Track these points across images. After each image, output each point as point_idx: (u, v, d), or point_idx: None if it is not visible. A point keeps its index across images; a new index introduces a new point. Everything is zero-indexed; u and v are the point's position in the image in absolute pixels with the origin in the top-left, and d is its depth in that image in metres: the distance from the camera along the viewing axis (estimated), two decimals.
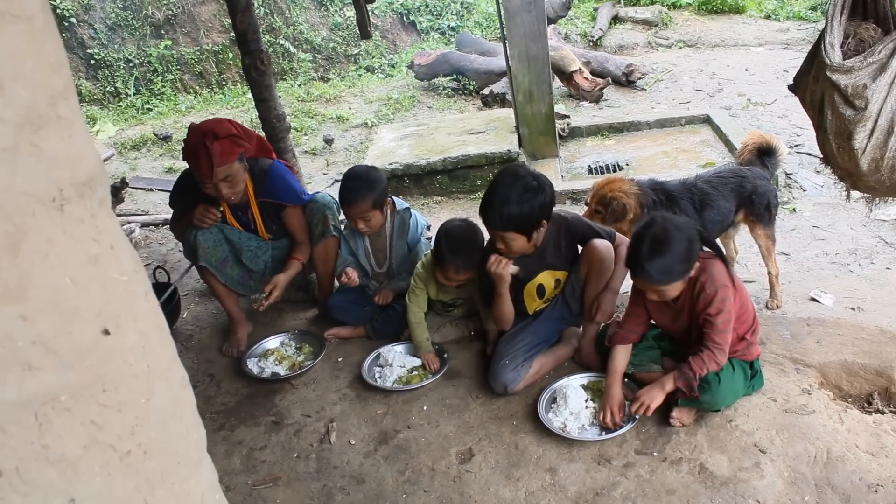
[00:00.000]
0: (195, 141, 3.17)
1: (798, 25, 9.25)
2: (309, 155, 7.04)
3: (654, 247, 2.48)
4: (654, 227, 2.53)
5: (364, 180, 3.38)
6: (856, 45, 2.49)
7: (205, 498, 0.99)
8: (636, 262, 2.54)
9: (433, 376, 3.19)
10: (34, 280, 0.74)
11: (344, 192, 3.38)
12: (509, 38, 5.50)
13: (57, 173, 0.77)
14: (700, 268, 2.59)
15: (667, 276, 2.51)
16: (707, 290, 2.56)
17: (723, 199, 3.34)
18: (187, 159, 3.27)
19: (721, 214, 3.35)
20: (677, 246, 2.47)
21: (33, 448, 0.76)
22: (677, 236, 2.48)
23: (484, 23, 10.73)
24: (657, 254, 2.47)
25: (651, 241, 2.49)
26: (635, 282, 2.67)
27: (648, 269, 2.49)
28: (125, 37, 9.88)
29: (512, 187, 2.79)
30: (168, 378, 0.92)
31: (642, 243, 2.51)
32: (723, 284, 2.56)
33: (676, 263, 2.49)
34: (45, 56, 0.75)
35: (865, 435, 2.56)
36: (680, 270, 2.52)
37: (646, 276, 2.52)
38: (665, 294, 2.59)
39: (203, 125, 3.24)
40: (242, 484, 2.78)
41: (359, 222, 3.41)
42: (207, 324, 4.00)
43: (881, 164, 2.49)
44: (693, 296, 2.62)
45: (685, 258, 2.50)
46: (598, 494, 2.46)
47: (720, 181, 3.40)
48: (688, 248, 2.50)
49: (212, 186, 3.24)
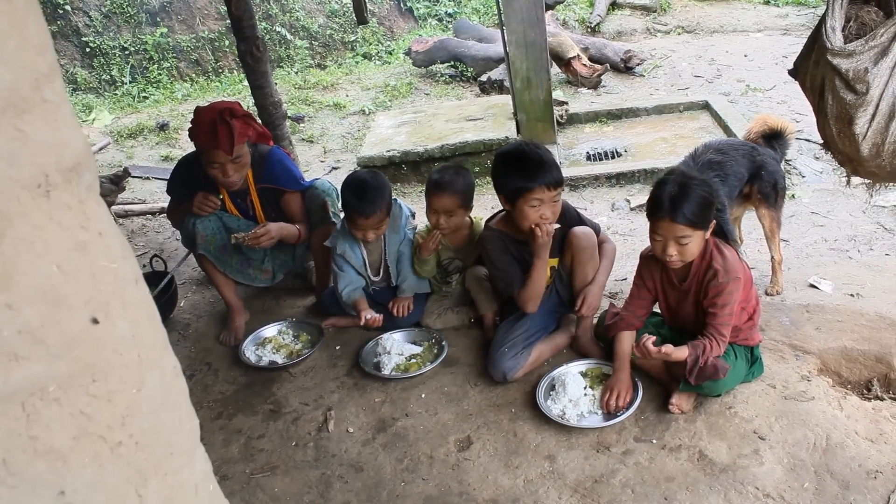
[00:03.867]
0: (211, 118, 3.14)
1: (797, 11, 9.19)
2: (306, 142, 7.01)
3: (681, 187, 2.49)
4: (676, 174, 2.58)
5: (375, 188, 3.22)
6: (857, 28, 2.46)
7: (198, 488, 0.97)
8: (660, 202, 2.50)
9: (431, 364, 3.18)
10: (20, 268, 0.73)
11: (358, 204, 3.19)
12: (507, 25, 5.46)
13: (42, 158, 0.75)
14: (714, 253, 2.58)
15: (698, 215, 2.48)
16: (719, 279, 2.54)
17: (736, 164, 3.32)
18: (199, 138, 3.20)
19: (737, 180, 3.33)
20: (704, 187, 2.51)
21: (21, 440, 0.74)
22: (701, 180, 2.54)
23: (481, 9, 10.67)
24: (685, 192, 2.47)
25: (676, 184, 2.50)
26: (657, 228, 2.57)
27: (679, 205, 2.46)
28: (120, 24, 9.80)
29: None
30: (160, 367, 0.91)
31: (666, 185, 2.51)
32: (735, 276, 2.55)
33: (706, 206, 2.49)
34: (27, 37, 0.73)
35: (865, 421, 2.55)
36: (706, 214, 2.50)
37: (675, 213, 2.47)
38: (687, 248, 2.53)
39: (215, 104, 3.22)
40: (240, 472, 2.77)
41: (370, 233, 3.28)
42: (205, 312, 3.99)
43: (882, 148, 2.47)
44: (703, 279, 2.60)
45: (707, 205, 2.50)
46: (597, 482, 2.46)
47: (731, 147, 3.39)
48: (708, 198, 2.51)
49: (219, 167, 3.20)
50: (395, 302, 3.47)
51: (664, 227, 2.52)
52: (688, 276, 2.66)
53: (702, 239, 2.55)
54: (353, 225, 3.28)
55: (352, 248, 3.42)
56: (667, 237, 2.54)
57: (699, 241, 2.55)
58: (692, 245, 2.53)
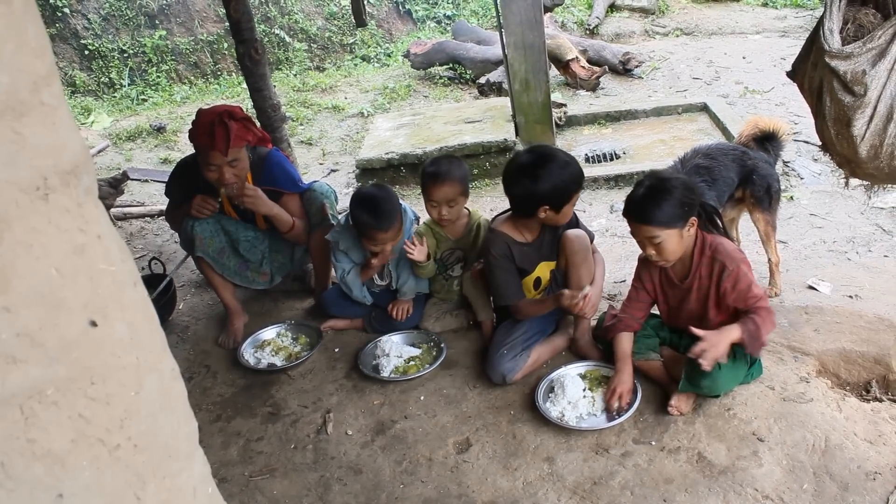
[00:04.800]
0: (209, 119, 3.15)
1: (795, 13, 9.21)
2: (305, 145, 7.01)
3: (652, 188, 2.50)
4: (651, 177, 2.58)
5: (387, 201, 3.19)
6: (855, 30, 2.46)
7: (197, 491, 0.97)
8: (632, 204, 2.53)
9: (430, 366, 3.18)
10: (18, 271, 0.73)
11: (375, 222, 3.16)
12: (505, 27, 5.47)
13: (40, 161, 0.75)
14: (713, 246, 2.59)
15: (664, 215, 2.47)
16: (729, 267, 2.56)
17: (725, 168, 3.30)
18: (198, 139, 3.20)
19: (727, 185, 3.30)
20: (675, 189, 2.49)
21: (19, 443, 0.74)
22: (675, 181, 2.53)
23: (480, 11, 10.68)
24: (656, 193, 2.48)
25: (649, 185, 2.52)
26: (633, 232, 2.61)
27: (645, 207, 2.48)
28: (119, 27, 9.81)
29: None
30: (158, 370, 0.91)
31: (640, 187, 2.54)
32: (741, 258, 2.59)
33: (674, 204, 2.48)
34: (26, 40, 0.73)
35: (863, 423, 2.55)
36: (678, 214, 2.49)
37: (642, 215, 2.49)
38: (663, 248, 2.53)
39: (216, 107, 3.24)
40: (239, 475, 2.77)
41: (388, 245, 3.24)
42: (203, 315, 3.98)
43: (880, 150, 2.47)
44: (714, 277, 2.60)
45: (683, 202, 2.49)
46: (596, 483, 2.46)
47: (720, 152, 3.37)
48: (685, 194, 2.50)
49: (216, 169, 3.20)
50: (394, 304, 3.47)
51: (635, 228, 2.58)
52: (689, 274, 2.66)
53: (678, 237, 2.53)
54: (371, 241, 3.23)
55: (355, 247, 3.40)
56: (640, 238, 2.58)
57: (675, 240, 2.54)
58: (667, 244, 2.53)
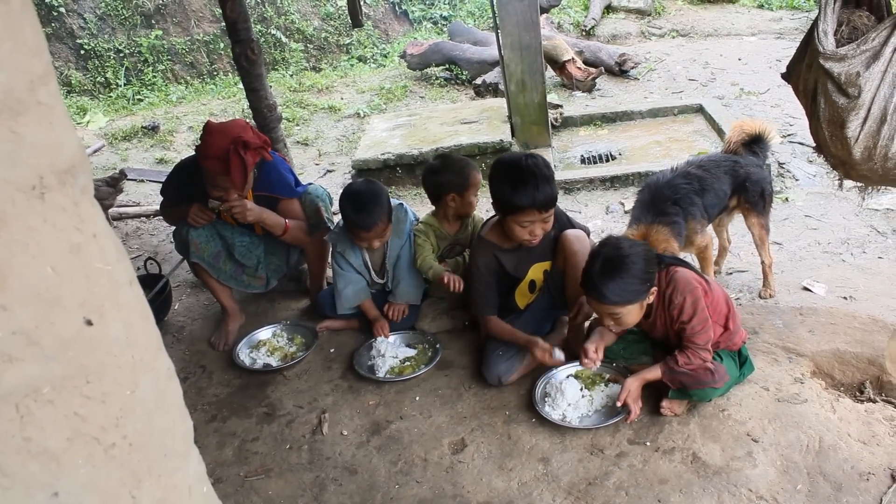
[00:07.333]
0: (224, 145, 3.08)
1: (791, 15, 9.23)
2: (301, 145, 7.01)
3: (610, 264, 2.43)
4: (608, 246, 2.49)
5: (373, 198, 3.19)
6: (849, 32, 2.47)
7: (192, 490, 0.97)
8: (590, 281, 2.46)
9: (425, 367, 3.18)
10: (14, 269, 0.73)
11: (357, 216, 3.17)
12: (502, 28, 5.47)
13: (37, 160, 0.75)
14: (665, 281, 2.56)
15: (622, 295, 2.44)
16: (675, 301, 2.54)
17: (718, 181, 3.30)
18: (208, 161, 3.14)
19: (718, 198, 3.31)
20: (634, 265, 2.42)
21: (15, 441, 0.74)
22: (633, 256, 2.44)
23: (476, 12, 10.68)
24: (614, 271, 2.42)
25: (605, 260, 2.44)
26: (590, 305, 2.60)
27: (602, 288, 2.42)
28: (115, 27, 9.79)
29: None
30: (154, 369, 0.91)
31: (596, 261, 2.46)
32: (690, 290, 2.53)
33: (633, 283, 2.43)
34: (23, 40, 0.73)
35: (857, 423, 2.56)
36: (636, 290, 2.45)
37: (600, 296, 2.44)
38: (622, 320, 2.52)
39: (227, 130, 3.14)
40: (234, 475, 2.77)
41: (375, 241, 3.26)
42: (199, 315, 3.98)
43: (874, 152, 2.48)
44: (665, 309, 2.60)
45: (642, 278, 2.45)
46: (591, 484, 2.47)
47: (713, 164, 3.37)
48: (644, 269, 2.45)
49: (223, 191, 3.21)
50: (390, 305, 3.47)
51: (595, 305, 2.55)
52: (651, 313, 2.65)
53: (639, 308, 2.52)
54: (355, 237, 3.26)
55: (352, 248, 3.41)
56: (600, 312, 2.56)
57: (635, 312, 2.52)
58: (626, 317, 2.52)
